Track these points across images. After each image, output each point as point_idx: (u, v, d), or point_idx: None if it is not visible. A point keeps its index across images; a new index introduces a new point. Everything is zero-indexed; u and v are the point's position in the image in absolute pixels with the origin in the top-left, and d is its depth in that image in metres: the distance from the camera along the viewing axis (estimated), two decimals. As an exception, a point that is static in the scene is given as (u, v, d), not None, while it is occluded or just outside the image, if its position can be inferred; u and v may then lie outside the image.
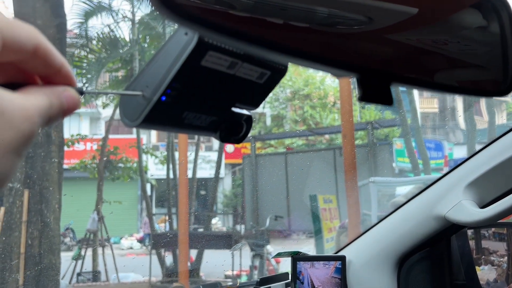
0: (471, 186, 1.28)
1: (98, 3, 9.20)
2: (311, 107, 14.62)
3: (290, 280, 1.56)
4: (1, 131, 0.32)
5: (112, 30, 9.26)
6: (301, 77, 14.79)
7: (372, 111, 13.62)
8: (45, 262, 5.31)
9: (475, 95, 0.62)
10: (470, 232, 1.46)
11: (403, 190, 5.61)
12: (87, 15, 9.01)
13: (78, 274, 7.27)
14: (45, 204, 5.41)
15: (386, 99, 0.47)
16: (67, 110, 0.38)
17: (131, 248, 11.65)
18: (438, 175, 1.43)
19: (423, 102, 17.90)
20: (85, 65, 9.31)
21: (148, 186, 11.78)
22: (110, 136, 9.28)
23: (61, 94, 0.38)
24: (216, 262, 7.49)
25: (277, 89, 14.18)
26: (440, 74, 0.56)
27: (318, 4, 0.43)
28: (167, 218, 9.83)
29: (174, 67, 0.46)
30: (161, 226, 11.01)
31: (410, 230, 1.40)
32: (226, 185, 15.65)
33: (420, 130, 10.53)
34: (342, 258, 1.47)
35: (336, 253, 1.58)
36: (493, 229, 1.43)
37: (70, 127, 12.72)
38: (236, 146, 13.66)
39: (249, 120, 0.57)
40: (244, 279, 6.64)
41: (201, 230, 9.24)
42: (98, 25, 9.27)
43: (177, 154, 8.57)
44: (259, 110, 14.01)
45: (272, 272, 6.55)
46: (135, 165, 9.55)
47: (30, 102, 0.34)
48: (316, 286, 1.48)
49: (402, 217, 1.44)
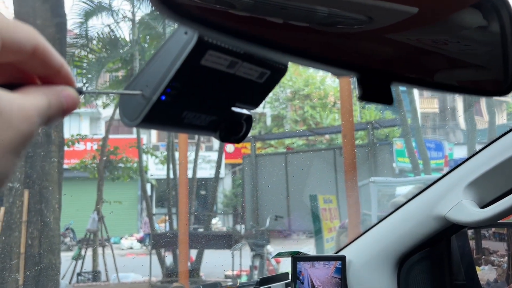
0: (471, 186, 1.28)
1: (98, 3, 9.21)
2: (311, 107, 14.62)
3: (290, 280, 1.56)
4: (0, 131, 0.32)
5: (112, 30, 9.27)
6: (301, 77, 14.78)
7: (372, 111, 13.61)
8: (45, 262, 5.31)
9: (476, 95, 0.62)
10: (470, 232, 1.46)
11: (403, 190, 5.61)
12: (87, 15, 9.01)
13: (78, 274, 7.27)
14: (45, 204, 5.41)
15: (386, 99, 0.47)
16: (66, 109, 0.38)
17: (131, 248, 11.65)
18: (438, 175, 1.43)
19: (423, 102, 17.90)
20: (85, 65, 9.32)
21: (148, 186, 11.78)
22: (110, 136, 9.28)
23: (60, 93, 0.37)
24: (216, 262, 7.49)
25: (277, 89, 14.18)
26: (440, 74, 0.56)
27: (318, 3, 0.43)
28: (167, 218, 9.82)
29: (174, 67, 0.46)
30: (161, 226, 11.01)
31: (410, 230, 1.40)
32: (226, 185, 15.65)
33: (420, 130, 10.53)
34: (342, 258, 1.47)
35: (336, 253, 1.58)
36: (493, 229, 1.43)
37: (70, 127, 12.72)
38: (236, 146, 13.66)
39: (249, 119, 0.56)
40: (244, 279, 6.64)
41: (201, 230, 9.24)
42: (98, 25, 9.28)
43: (177, 154, 8.58)
44: (259, 110, 14.01)
45: (272, 272, 6.55)
46: (135, 165, 9.55)
47: (29, 102, 0.34)
48: (316, 286, 1.48)
49: (402, 217, 1.44)
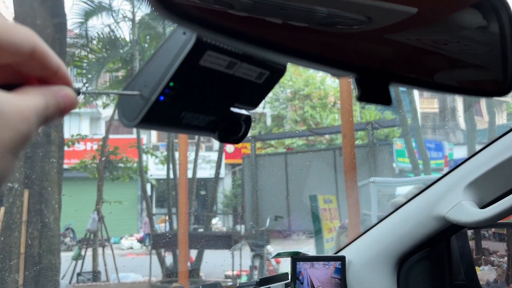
0: (471, 186, 1.28)
1: (98, 3, 9.21)
2: (311, 107, 14.61)
3: (289, 280, 1.56)
4: None
5: (112, 30, 9.27)
6: (301, 77, 14.77)
7: (372, 111, 13.61)
8: (44, 262, 5.31)
9: (475, 95, 0.62)
10: (470, 232, 1.46)
11: (403, 190, 5.60)
12: (87, 15, 9.01)
13: (78, 274, 7.27)
14: (45, 204, 5.41)
15: (384, 99, 0.47)
16: (64, 109, 0.38)
17: (131, 248, 11.65)
18: (438, 175, 1.43)
19: (423, 102, 17.89)
20: (85, 65, 9.32)
21: (148, 186, 11.77)
22: (110, 136, 9.27)
23: (57, 93, 0.37)
24: (216, 262, 7.49)
25: (277, 89, 14.18)
26: (439, 74, 0.56)
27: (317, 4, 0.43)
28: (167, 218, 9.82)
29: (172, 67, 0.46)
30: (161, 226, 11.01)
31: (410, 230, 1.40)
32: (226, 185, 15.65)
33: (420, 130, 10.53)
34: (342, 259, 1.47)
35: (336, 253, 1.58)
36: (493, 229, 1.43)
37: (70, 127, 12.72)
38: (236, 146, 13.65)
39: (248, 120, 0.56)
40: (244, 279, 6.64)
41: (201, 230, 9.24)
42: (98, 25, 9.29)
43: (177, 154, 8.57)
44: (259, 110, 14.01)
45: (272, 272, 6.55)
46: (135, 165, 9.55)
47: (26, 102, 0.34)
48: (315, 287, 1.48)
49: (402, 217, 1.44)
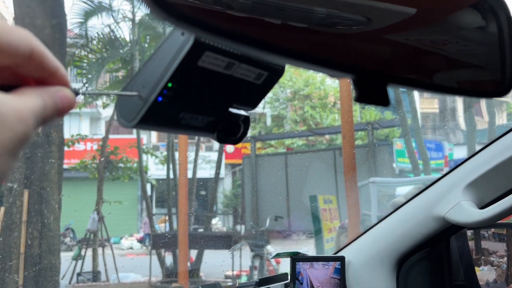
0: (471, 187, 1.28)
1: (98, 3, 9.21)
2: (311, 108, 14.61)
3: (289, 280, 1.56)
4: None
5: (112, 30, 9.26)
6: (301, 77, 14.77)
7: (372, 112, 13.60)
8: (44, 262, 5.31)
9: (474, 96, 0.62)
10: (469, 232, 1.46)
11: (403, 191, 5.60)
12: (87, 15, 9.01)
13: (78, 274, 7.27)
14: (45, 204, 5.41)
15: (382, 100, 0.47)
16: (62, 110, 0.38)
17: (131, 248, 11.64)
18: (438, 176, 1.43)
19: (423, 102, 17.89)
20: (85, 65, 9.31)
21: (148, 186, 11.77)
22: (110, 136, 9.27)
23: (55, 94, 0.38)
24: (216, 263, 7.48)
25: (277, 89, 14.18)
26: (438, 75, 0.55)
27: (316, 4, 0.43)
28: (167, 218, 9.82)
29: (171, 68, 0.46)
30: (161, 226, 11.01)
31: (410, 230, 1.40)
32: (226, 185, 15.64)
33: (420, 130, 10.53)
34: (341, 259, 1.47)
35: (335, 253, 1.58)
36: (492, 229, 1.43)
37: (70, 127, 12.71)
38: (236, 146, 13.65)
39: (246, 120, 0.56)
40: (244, 280, 6.63)
41: (201, 230, 9.24)
42: (98, 25, 9.28)
43: (177, 154, 8.57)
44: (259, 110, 14.00)
45: (272, 272, 6.54)
46: (135, 165, 9.55)
47: (24, 103, 0.34)
48: (315, 287, 1.48)
49: (402, 217, 1.44)
